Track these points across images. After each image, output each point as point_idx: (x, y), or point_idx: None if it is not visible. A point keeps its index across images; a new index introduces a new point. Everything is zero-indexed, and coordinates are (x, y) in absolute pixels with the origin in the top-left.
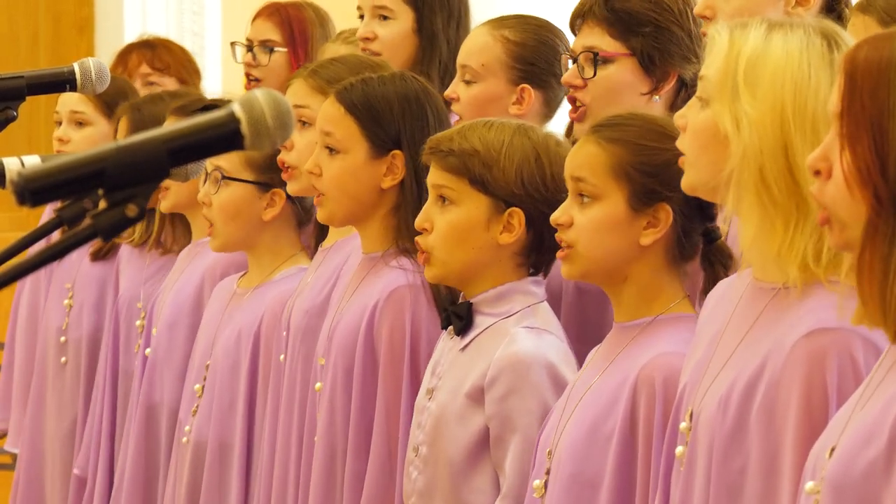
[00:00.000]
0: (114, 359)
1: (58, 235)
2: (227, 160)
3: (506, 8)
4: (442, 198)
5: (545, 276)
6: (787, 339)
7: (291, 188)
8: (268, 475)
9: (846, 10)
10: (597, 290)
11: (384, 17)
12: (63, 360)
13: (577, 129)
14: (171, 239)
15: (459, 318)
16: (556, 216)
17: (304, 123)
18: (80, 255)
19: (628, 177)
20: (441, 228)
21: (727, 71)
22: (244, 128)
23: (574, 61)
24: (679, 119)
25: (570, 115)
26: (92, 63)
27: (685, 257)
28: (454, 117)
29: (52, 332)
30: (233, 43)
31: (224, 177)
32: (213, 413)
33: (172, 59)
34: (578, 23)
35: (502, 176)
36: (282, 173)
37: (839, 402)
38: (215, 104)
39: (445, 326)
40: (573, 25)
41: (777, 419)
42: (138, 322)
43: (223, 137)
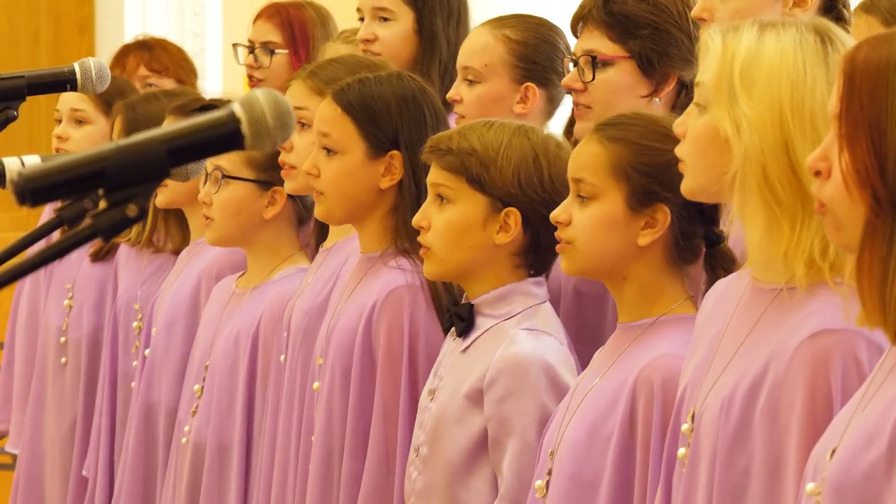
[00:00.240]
0: (112, 360)
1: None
2: (227, 159)
3: (505, 8)
4: (440, 197)
5: (547, 276)
6: (791, 341)
7: (289, 186)
8: (267, 476)
9: (844, 11)
10: (595, 293)
11: (384, 19)
12: (63, 360)
13: (577, 128)
14: (163, 238)
15: (461, 319)
16: (556, 213)
17: (304, 125)
18: (81, 255)
19: (627, 176)
20: (438, 227)
21: (722, 75)
22: (244, 128)
23: (575, 64)
24: (678, 126)
25: (573, 112)
26: (92, 63)
27: (685, 259)
28: (453, 118)
29: (52, 333)
30: (234, 45)
31: (225, 176)
32: (212, 413)
33: (170, 60)
34: (579, 26)
35: (499, 176)
36: (281, 172)
37: (843, 404)
38: (214, 104)
39: (447, 328)
40: (574, 29)
41: (781, 420)
42: (135, 324)
43: (223, 137)
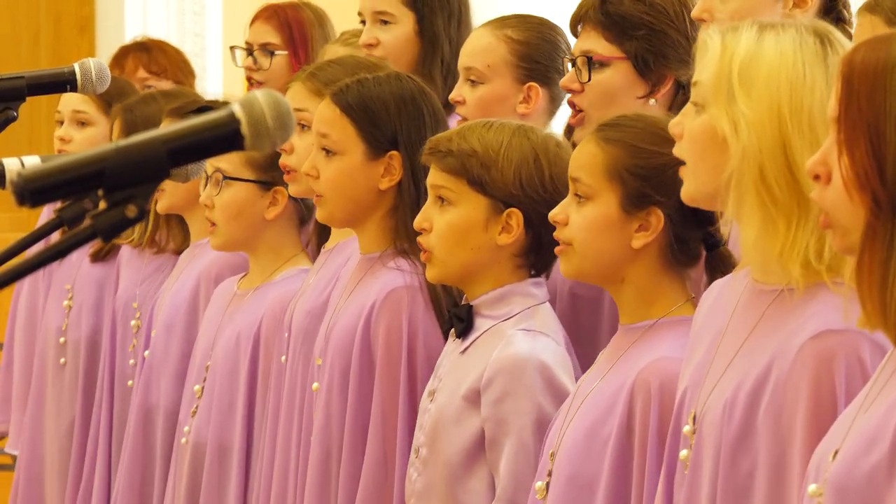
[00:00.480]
0: (111, 360)
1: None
2: (227, 161)
3: (506, 8)
4: (441, 198)
5: (547, 277)
6: (794, 342)
7: (293, 190)
8: (267, 477)
9: (844, 12)
10: (590, 296)
11: (385, 22)
12: (62, 360)
13: (576, 134)
14: (165, 238)
15: (460, 320)
16: (554, 213)
17: (304, 127)
18: (80, 256)
19: (621, 178)
20: (440, 229)
21: (721, 74)
22: (244, 128)
23: (573, 65)
24: (675, 127)
25: (570, 120)
26: (92, 63)
27: (683, 263)
28: (457, 119)
29: (51, 333)
30: (232, 47)
31: (225, 177)
32: (212, 414)
33: (168, 62)
34: (578, 27)
35: (500, 177)
36: (284, 175)
37: (847, 404)
38: (211, 105)
39: (447, 329)
40: (573, 29)
41: (785, 421)
42: (133, 322)
43: (223, 138)
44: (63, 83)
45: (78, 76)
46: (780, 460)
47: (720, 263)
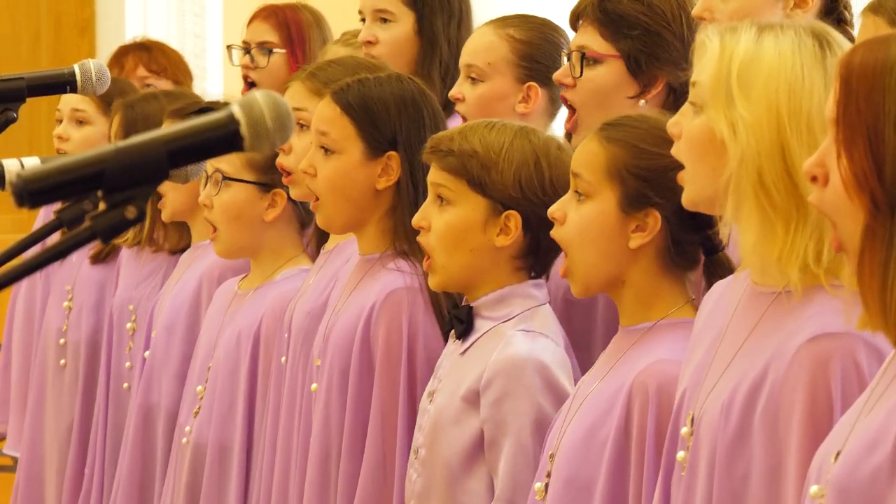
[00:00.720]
0: (108, 361)
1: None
2: (227, 162)
3: (507, 9)
4: (440, 197)
5: (546, 278)
6: (790, 344)
7: (293, 193)
8: (268, 478)
9: (845, 13)
10: (583, 302)
11: (385, 21)
12: (62, 362)
13: (574, 140)
14: (162, 237)
15: (460, 321)
16: (553, 209)
17: (303, 126)
18: (81, 257)
19: (621, 178)
20: (438, 228)
21: (720, 76)
22: (244, 129)
23: (569, 59)
24: (673, 127)
25: (565, 125)
26: (92, 64)
27: (681, 265)
28: (456, 117)
29: (51, 334)
30: (229, 46)
31: (225, 178)
32: (213, 414)
33: (168, 62)
34: (579, 23)
35: (500, 178)
36: (282, 178)
37: (843, 408)
38: (212, 106)
39: (447, 331)
40: (573, 25)
41: (781, 424)
42: (129, 325)
43: (223, 139)
44: (63, 84)
45: (78, 77)
46: (776, 463)
47: (718, 269)
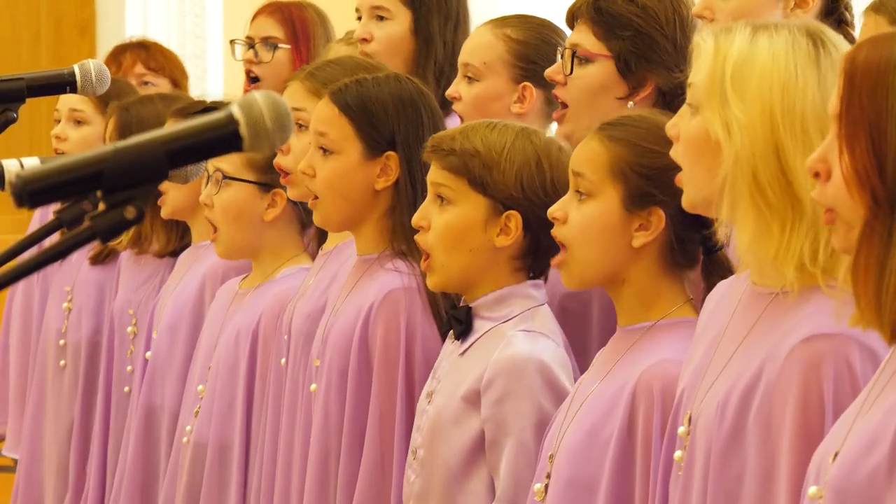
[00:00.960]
0: (108, 365)
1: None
2: (227, 161)
3: (506, 9)
4: (440, 197)
5: (545, 279)
6: (784, 345)
7: (291, 193)
8: (269, 478)
9: (846, 14)
10: (579, 311)
11: (381, 18)
12: (62, 363)
13: (557, 132)
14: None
15: (459, 322)
16: (554, 209)
17: (301, 126)
18: (80, 257)
19: (625, 176)
20: (438, 228)
21: (714, 77)
22: (243, 129)
23: (562, 57)
24: (671, 129)
25: (554, 115)
26: (92, 65)
27: (681, 264)
28: (454, 117)
29: (51, 335)
30: (232, 41)
31: (225, 177)
32: (213, 413)
33: (166, 61)
34: (575, 22)
35: (502, 178)
36: (281, 178)
37: (835, 409)
38: (216, 106)
39: (446, 331)
40: (569, 23)
41: (774, 425)
42: (129, 328)
43: (222, 139)
44: (63, 84)
45: (78, 77)
46: (769, 464)
47: (717, 268)
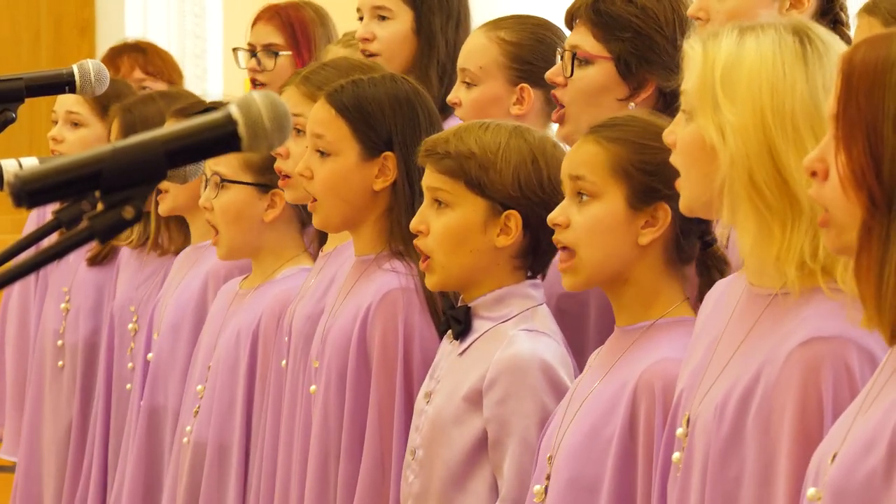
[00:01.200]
0: (108, 364)
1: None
2: (225, 164)
3: (506, 8)
4: (438, 201)
5: (543, 278)
6: (783, 347)
7: (289, 196)
8: (269, 479)
9: (841, 14)
10: (575, 312)
11: (383, 18)
12: (60, 363)
13: (557, 134)
14: (167, 240)
15: (458, 321)
16: (554, 216)
17: (299, 131)
18: (78, 258)
19: (628, 175)
20: (437, 232)
21: (705, 82)
22: (241, 129)
23: (562, 59)
24: (668, 136)
25: (553, 117)
26: (91, 65)
27: (683, 259)
28: (456, 120)
29: (49, 336)
30: (234, 49)
31: (223, 180)
32: (213, 413)
33: (163, 63)
34: (574, 23)
35: (499, 178)
36: (279, 181)
37: (834, 411)
38: (216, 106)
39: (443, 331)
40: (568, 24)
41: (772, 427)
42: (130, 325)
43: (220, 139)
44: (62, 84)
45: (77, 78)
46: (768, 466)
47: (713, 261)
